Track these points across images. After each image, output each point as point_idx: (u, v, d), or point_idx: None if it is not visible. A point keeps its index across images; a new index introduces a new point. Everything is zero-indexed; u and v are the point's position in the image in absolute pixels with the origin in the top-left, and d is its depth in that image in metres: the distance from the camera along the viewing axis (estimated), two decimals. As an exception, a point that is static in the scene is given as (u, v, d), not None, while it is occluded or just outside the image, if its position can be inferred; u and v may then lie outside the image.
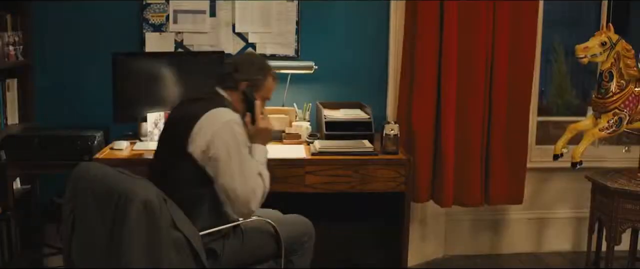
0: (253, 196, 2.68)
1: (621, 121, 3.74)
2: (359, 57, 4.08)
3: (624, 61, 3.71)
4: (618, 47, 3.69)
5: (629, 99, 3.73)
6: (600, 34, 3.70)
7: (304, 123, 3.78)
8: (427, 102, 3.94)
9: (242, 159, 2.69)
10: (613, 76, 3.72)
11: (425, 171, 3.98)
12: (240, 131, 2.73)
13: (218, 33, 3.96)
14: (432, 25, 3.88)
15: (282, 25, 3.96)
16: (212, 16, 3.95)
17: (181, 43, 3.96)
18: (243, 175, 2.67)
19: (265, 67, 2.95)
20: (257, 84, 2.89)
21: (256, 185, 2.70)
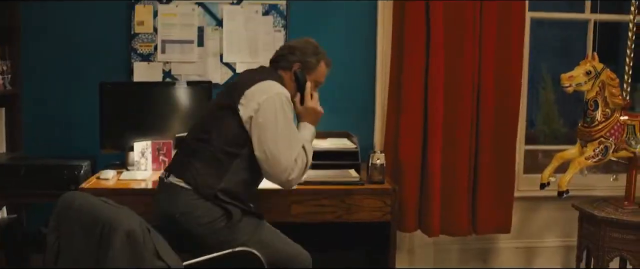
0: (294, 165, 2.83)
1: (607, 150, 3.76)
2: (347, 87, 4.10)
3: (609, 90, 3.74)
4: (603, 76, 3.72)
5: (614, 127, 3.75)
6: (585, 63, 3.73)
7: (291, 152, 3.77)
8: (414, 131, 3.95)
9: (288, 128, 2.85)
10: (598, 105, 3.74)
11: (412, 200, 3.99)
12: (288, 104, 2.89)
13: (206, 63, 3.98)
14: (418, 54, 3.92)
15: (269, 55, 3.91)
16: (200, 46, 3.98)
17: (169, 72, 3.98)
18: (287, 143, 2.83)
19: (319, 52, 3.10)
20: (309, 66, 3.05)
21: (299, 156, 2.86)
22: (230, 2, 3.96)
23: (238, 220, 2.84)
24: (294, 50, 3.06)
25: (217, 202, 2.81)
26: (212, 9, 3.96)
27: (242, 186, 2.89)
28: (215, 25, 3.97)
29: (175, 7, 3.95)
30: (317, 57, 3.07)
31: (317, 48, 3.11)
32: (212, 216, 2.81)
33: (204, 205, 2.80)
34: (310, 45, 3.10)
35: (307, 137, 2.99)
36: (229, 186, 2.83)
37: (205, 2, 3.96)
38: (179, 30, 3.96)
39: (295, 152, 2.84)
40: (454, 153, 4.00)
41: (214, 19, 3.97)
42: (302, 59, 3.04)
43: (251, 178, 2.92)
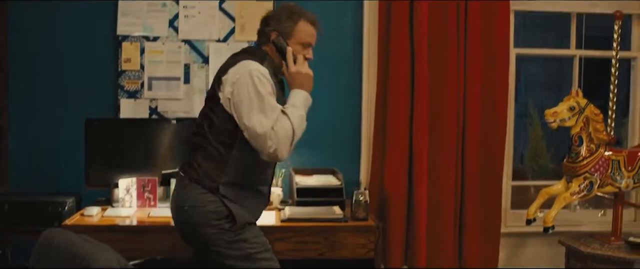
0: (273, 133, 2.67)
1: (592, 185, 3.76)
2: (333, 124, 4.11)
3: (593, 125, 3.76)
4: (587, 111, 3.74)
5: (598, 162, 3.76)
6: (568, 99, 3.76)
7: (276, 189, 3.78)
8: (399, 167, 3.96)
9: (260, 99, 2.70)
10: (583, 140, 3.76)
11: (398, 235, 3.98)
12: (262, 78, 2.73)
13: (192, 100, 4.01)
14: (403, 91, 3.95)
15: (255, 91, 3.99)
16: (186, 83, 4.00)
17: (156, 109, 4.00)
18: (261, 113, 2.69)
19: (294, 13, 2.92)
20: (286, 31, 2.89)
21: (278, 124, 2.69)
22: (216, 39, 3.99)
23: (242, 225, 2.79)
24: (268, 20, 2.94)
25: (221, 198, 2.78)
26: (198, 47, 3.99)
27: (247, 175, 2.83)
28: (201, 63, 4.00)
29: (162, 45, 3.98)
30: (293, 19, 2.90)
31: (293, 10, 2.94)
32: (219, 215, 2.77)
33: (213, 200, 2.77)
34: (284, 10, 2.95)
35: (295, 102, 2.82)
36: (231, 179, 2.78)
37: (191, 40, 3.99)
38: (165, 67, 3.99)
39: (271, 120, 2.69)
40: (439, 189, 4.01)
41: (200, 56, 4.00)
42: (277, 27, 2.89)
43: (254, 164, 2.82)
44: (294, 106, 2.79)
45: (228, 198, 2.78)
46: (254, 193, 2.90)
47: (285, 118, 2.72)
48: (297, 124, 2.75)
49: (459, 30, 4.00)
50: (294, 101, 2.82)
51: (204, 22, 3.98)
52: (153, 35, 3.98)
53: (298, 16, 2.91)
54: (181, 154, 3.82)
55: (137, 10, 3.96)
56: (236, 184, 2.81)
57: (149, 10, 3.97)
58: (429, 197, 3.99)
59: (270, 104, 2.71)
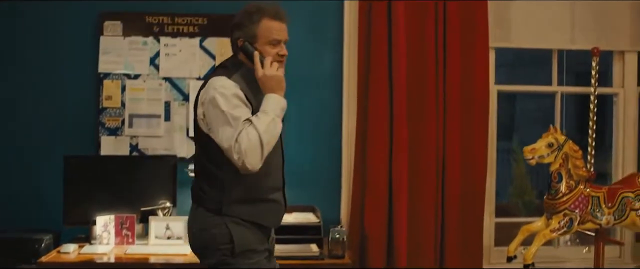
0: (237, 147, 2.57)
1: (572, 222, 3.74)
2: (314, 161, 4.11)
3: (572, 162, 3.75)
4: (565, 148, 3.74)
5: (578, 199, 3.75)
6: (547, 136, 3.76)
7: (254, 226, 3.76)
8: (379, 204, 3.95)
9: (223, 115, 2.62)
10: (562, 177, 3.75)
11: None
12: (224, 93, 2.65)
13: (172, 137, 4.02)
14: (382, 128, 3.95)
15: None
16: (166, 120, 4.02)
17: (136, 146, 4.01)
18: (225, 126, 2.61)
19: (253, 13, 2.80)
20: (250, 34, 2.78)
21: (242, 134, 2.58)
22: (196, 77, 4.01)
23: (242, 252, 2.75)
24: (233, 28, 2.84)
25: (225, 220, 2.74)
26: (179, 84, 4.02)
27: (250, 189, 2.76)
28: (182, 100, 4.02)
29: (143, 82, 4.01)
30: (254, 20, 2.78)
31: (251, 11, 2.81)
32: (222, 239, 2.74)
33: (217, 223, 2.74)
34: (244, 13, 2.83)
35: (265, 108, 2.69)
36: (235, 196, 2.74)
37: (172, 78, 4.02)
38: (146, 104, 4.01)
39: (235, 131, 2.59)
40: (419, 226, 3.99)
41: (180, 94, 4.02)
42: (241, 33, 2.80)
43: (254, 176, 2.69)
44: (263, 111, 2.69)
45: (234, 218, 2.74)
46: (266, 203, 2.85)
47: (251, 127, 2.61)
48: (264, 130, 2.62)
49: (437, 68, 4.02)
50: (265, 107, 2.71)
51: (185, 59, 4.02)
52: (134, 73, 4.01)
53: (258, 16, 2.79)
54: (161, 191, 3.85)
55: (118, 48, 4.00)
56: (242, 200, 2.76)
57: (130, 48, 4.01)
58: (409, 235, 3.97)
59: (232, 117, 2.63)
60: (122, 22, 4.00)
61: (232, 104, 2.65)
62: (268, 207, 2.87)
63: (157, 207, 3.79)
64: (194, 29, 4.02)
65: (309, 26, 4.13)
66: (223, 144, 2.63)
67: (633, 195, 3.81)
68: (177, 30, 4.01)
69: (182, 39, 4.01)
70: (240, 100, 2.69)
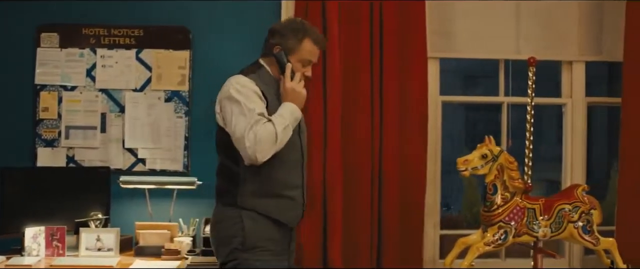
0: (252, 136, 2.69)
1: (507, 235, 3.68)
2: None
3: (507, 173, 3.70)
4: (501, 159, 3.68)
5: (513, 211, 3.69)
6: (481, 147, 3.70)
7: (185, 239, 3.74)
8: (314, 219, 3.90)
9: (237, 105, 2.76)
10: (497, 189, 3.70)
11: (313, 289, 3.91)
12: (239, 88, 2.80)
13: (108, 148, 4.01)
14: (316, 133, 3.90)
15: (171, 141, 4.01)
16: (103, 132, 4.01)
17: (73, 158, 4.01)
18: (239, 117, 2.74)
19: (300, 30, 2.94)
20: (289, 47, 2.91)
21: (255, 126, 2.71)
22: (132, 88, 4.01)
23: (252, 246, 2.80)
24: (273, 33, 2.97)
25: (239, 210, 2.82)
26: (115, 96, 4.02)
27: (266, 183, 2.84)
28: (118, 112, 4.02)
29: (80, 94, 4.01)
30: (298, 37, 2.92)
31: (299, 27, 2.95)
32: (235, 230, 2.82)
33: (232, 215, 2.84)
34: (291, 25, 2.98)
35: (282, 113, 2.83)
36: (249, 189, 2.83)
37: (108, 89, 4.01)
38: (82, 116, 4.01)
39: (249, 121, 2.72)
40: (355, 236, 3.95)
41: (117, 106, 4.02)
42: (280, 41, 2.92)
43: (272, 170, 2.82)
44: (281, 115, 2.81)
45: (250, 212, 2.82)
46: (282, 199, 2.90)
47: (269, 123, 2.74)
48: (281, 130, 2.76)
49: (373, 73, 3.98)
50: (282, 111, 2.84)
51: (121, 71, 4.02)
52: (71, 85, 4.01)
53: (303, 35, 2.93)
54: (95, 202, 3.83)
55: (55, 60, 4.00)
56: (257, 193, 2.84)
57: (66, 60, 4.01)
58: (344, 243, 3.92)
59: (247, 108, 2.75)
60: (58, 34, 4.01)
61: (247, 97, 2.78)
62: (284, 203, 2.92)
63: (90, 219, 3.78)
64: (130, 41, 4.01)
65: (246, 26, 4.11)
66: (235, 133, 2.75)
67: (570, 207, 3.75)
68: (113, 42, 4.01)
69: (118, 51, 4.01)
70: (256, 95, 2.81)
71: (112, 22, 4.02)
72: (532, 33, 4.34)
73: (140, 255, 3.67)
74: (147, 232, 3.76)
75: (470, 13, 4.28)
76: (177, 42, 4.02)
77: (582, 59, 4.39)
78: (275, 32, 2.96)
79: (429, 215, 4.24)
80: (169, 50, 4.01)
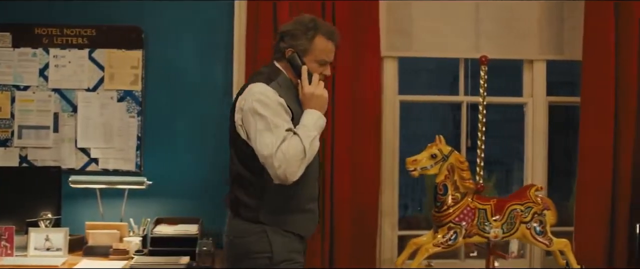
0: (281, 155, 2.57)
1: (457, 235, 3.66)
2: (205, 173, 4.05)
3: (458, 173, 3.68)
4: (451, 159, 3.66)
5: (464, 212, 3.67)
6: (431, 147, 3.68)
7: (134, 239, 3.73)
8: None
9: (264, 121, 2.62)
10: (448, 189, 3.67)
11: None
12: (263, 100, 2.66)
13: (61, 148, 4.00)
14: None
15: (123, 140, 4.00)
16: (55, 132, 4.00)
17: (26, 158, 4.00)
18: (266, 135, 2.60)
19: (310, 29, 2.79)
20: (301, 48, 2.78)
21: (284, 144, 2.59)
22: (85, 88, 4.00)
23: (279, 262, 2.73)
24: (283, 35, 2.82)
25: (263, 227, 2.73)
26: (68, 95, 4.00)
27: (288, 197, 2.75)
28: (71, 112, 4.00)
29: (33, 94, 4.00)
30: (309, 36, 2.78)
31: (308, 25, 2.80)
32: (259, 247, 2.74)
33: (255, 231, 2.74)
34: (300, 25, 2.81)
35: (306, 123, 2.69)
36: (272, 205, 2.74)
37: (61, 89, 4.00)
38: (35, 116, 4.00)
39: (276, 139, 2.58)
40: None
41: (69, 105, 4.00)
42: (292, 43, 2.78)
43: (294, 186, 2.68)
44: (305, 126, 2.68)
45: (271, 226, 2.74)
46: (304, 213, 2.84)
47: (296, 138, 2.62)
48: (309, 144, 2.63)
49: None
50: (306, 121, 2.71)
51: (74, 71, 4.00)
52: (23, 84, 4.00)
53: (314, 32, 2.79)
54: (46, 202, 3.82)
55: (7, 59, 3.99)
56: (281, 208, 2.76)
57: (19, 60, 4.00)
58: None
59: (274, 124, 2.62)
60: (11, 33, 3.99)
61: (273, 111, 2.65)
62: (306, 217, 2.86)
63: (40, 219, 3.77)
64: (83, 41, 4.00)
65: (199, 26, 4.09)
66: (263, 152, 2.61)
67: (523, 207, 3.72)
68: (66, 41, 3.99)
69: (71, 51, 3.99)
70: (281, 107, 2.68)
71: (65, 22, 4.00)
72: (492, 32, 4.30)
73: (89, 255, 3.66)
74: (96, 232, 3.75)
75: (429, 12, 4.25)
76: (129, 42, 4.00)
77: (543, 58, 4.34)
78: (285, 35, 2.82)
79: (386, 216, 4.22)
80: (121, 50, 4.00)
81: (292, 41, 2.79)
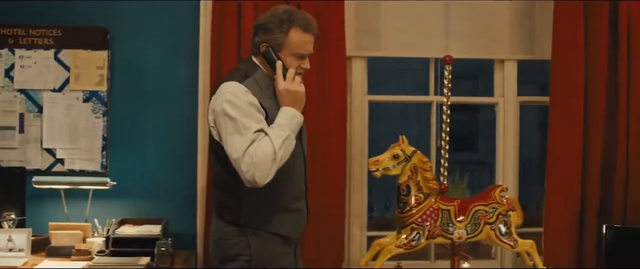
0: (248, 159, 2.51)
1: (420, 236, 3.64)
2: (171, 174, 4.05)
3: (421, 174, 3.65)
4: (414, 159, 3.64)
5: (426, 213, 3.65)
6: (394, 147, 3.66)
7: (97, 239, 3.73)
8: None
9: (232, 123, 2.56)
10: (410, 189, 3.65)
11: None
12: (233, 101, 2.59)
13: (26, 149, 4.00)
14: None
15: (89, 141, 3.99)
16: (21, 132, 4.00)
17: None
18: (235, 137, 2.54)
19: (284, 22, 2.70)
20: (275, 42, 2.70)
21: (253, 147, 2.52)
22: (51, 89, 3.99)
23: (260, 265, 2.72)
24: (257, 30, 2.74)
25: (244, 229, 2.70)
26: (34, 96, 3.99)
27: (269, 197, 2.70)
28: (36, 112, 4.00)
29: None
30: (283, 29, 2.68)
31: (282, 18, 2.70)
32: (239, 250, 2.72)
33: (235, 233, 2.72)
34: (273, 18, 2.71)
35: (281, 121, 2.62)
36: (253, 206, 2.70)
37: (27, 89, 4.00)
38: (0, 116, 3.99)
39: (246, 141, 2.52)
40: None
41: (35, 106, 4.00)
42: (266, 38, 2.69)
43: (275, 185, 2.64)
44: (279, 125, 2.63)
45: (252, 228, 2.71)
46: (288, 213, 2.79)
47: (266, 139, 2.55)
48: (279, 145, 2.55)
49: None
50: (280, 120, 2.64)
51: (39, 72, 3.99)
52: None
53: (288, 25, 2.70)
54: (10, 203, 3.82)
55: (-28, 60, 4.00)
56: (262, 210, 2.72)
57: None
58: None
59: (243, 125, 2.55)
60: (-24, 34, 4.00)
61: (243, 112, 2.58)
62: (291, 216, 2.82)
63: (3, 219, 3.77)
64: (48, 41, 3.99)
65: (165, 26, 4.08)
66: (232, 155, 2.56)
67: (487, 208, 3.70)
68: (31, 42, 3.99)
69: (36, 51, 3.99)
70: (252, 107, 2.62)
71: (31, 23, 3.99)
72: (461, 32, 4.27)
73: (52, 255, 3.66)
74: (59, 232, 3.75)
75: (398, 12, 4.22)
76: (95, 43, 3.99)
77: (514, 57, 4.32)
78: (258, 28, 2.74)
79: (355, 217, 4.21)
80: (87, 51, 3.99)
81: (265, 35, 2.72)
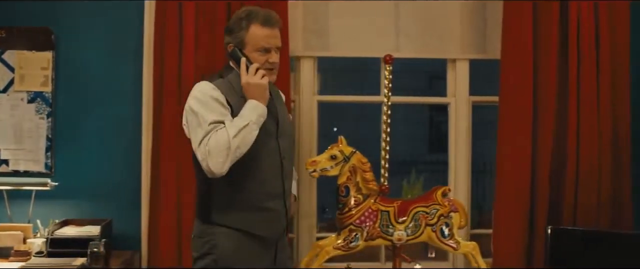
0: (204, 149, 2.60)
1: (358, 237, 3.61)
2: (116, 174, 4.04)
3: (361, 175, 3.62)
4: (353, 160, 3.61)
5: (365, 214, 3.62)
6: (332, 148, 3.64)
7: (37, 240, 3.73)
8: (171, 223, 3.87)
9: (195, 116, 2.66)
10: (349, 191, 3.62)
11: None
12: (199, 97, 2.68)
13: (-29, 150, 4.02)
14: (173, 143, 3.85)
15: (33, 142, 4.00)
16: (-34, 133, 4.02)
17: (-63, 160, 4.03)
18: (196, 130, 2.65)
19: (243, 19, 2.79)
20: (238, 40, 2.79)
21: (208, 137, 2.61)
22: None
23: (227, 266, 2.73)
24: (225, 33, 2.84)
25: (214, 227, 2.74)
26: (-21, 97, 4.01)
27: (240, 194, 2.75)
28: (-20, 113, 4.01)
29: (-57, 95, 4.02)
30: (243, 26, 2.77)
31: (241, 16, 2.79)
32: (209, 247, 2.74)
33: (206, 231, 2.76)
34: (235, 19, 2.82)
35: (242, 112, 2.68)
36: (224, 203, 2.74)
37: (-28, 90, 4.02)
38: (-54, 116, 4.01)
39: (202, 133, 2.61)
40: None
41: (-20, 106, 4.01)
42: (230, 39, 2.79)
43: (244, 181, 2.73)
44: (240, 116, 2.67)
45: (222, 227, 2.74)
46: (260, 211, 2.80)
47: (222, 130, 2.61)
48: (234, 134, 2.60)
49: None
50: (242, 111, 2.69)
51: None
52: None
53: (247, 22, 2.78)
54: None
55: None
56: (232, 207, 2.75)
57: None
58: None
59: (203, 118, 2.63)
60: None
61: (206, 107, 2.67)
62: (263, 216, 2.82)
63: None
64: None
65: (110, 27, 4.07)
66: (193, 147, 2.66)
67: (428, 210, 3.66)
68: (-24, 43, 4.01)
69: (-20, 52, 4.01)
70: (216, 102, 2.69)
71: (-25, 23, 4.01)
72: (412, 31, 4.25)
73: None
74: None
75: (347, 12, 4.21)
76: (40, 43, 3.99)
77: (465, 57, 4.28)
78: (225, 31, 2.85)
79: (304, 217, 4.19)
80: (32, 51, 3.99)
81: (230, 36, 2.82)
